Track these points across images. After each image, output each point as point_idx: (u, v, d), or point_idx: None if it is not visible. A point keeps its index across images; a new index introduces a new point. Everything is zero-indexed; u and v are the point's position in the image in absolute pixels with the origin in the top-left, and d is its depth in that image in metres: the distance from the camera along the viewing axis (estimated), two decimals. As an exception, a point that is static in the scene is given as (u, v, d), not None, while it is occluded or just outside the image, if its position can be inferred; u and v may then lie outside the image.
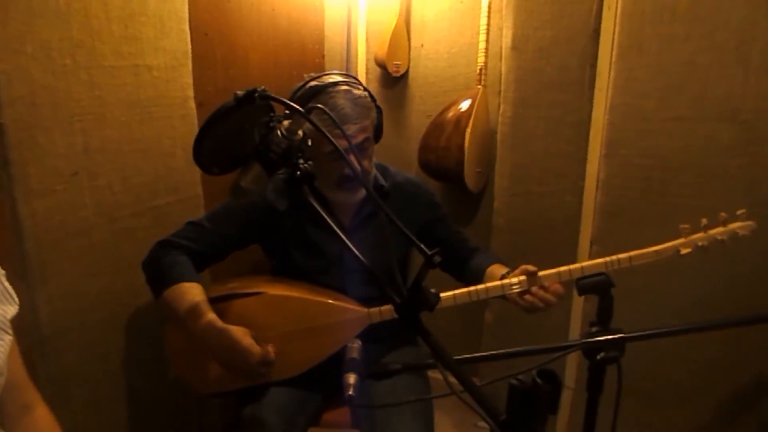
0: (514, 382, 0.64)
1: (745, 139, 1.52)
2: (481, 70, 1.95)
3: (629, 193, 1.69)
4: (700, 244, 1.18)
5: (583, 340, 0.90)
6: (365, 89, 1.31)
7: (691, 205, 1.62)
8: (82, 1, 1.23)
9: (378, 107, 1.32)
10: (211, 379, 1.29)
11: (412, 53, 2.15)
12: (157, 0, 1.39)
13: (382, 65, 2.10)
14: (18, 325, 0.98)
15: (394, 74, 2.12)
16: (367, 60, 2.20)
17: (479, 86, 1.95)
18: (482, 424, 2.09)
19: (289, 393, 1.29)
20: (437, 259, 0.72)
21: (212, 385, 1.30)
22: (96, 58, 1.28)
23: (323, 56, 2.05)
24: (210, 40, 1.58)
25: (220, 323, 1.18)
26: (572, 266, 1.17)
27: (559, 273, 1.19)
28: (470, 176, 1.94)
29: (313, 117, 0.82)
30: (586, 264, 1.22)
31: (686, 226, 1.19)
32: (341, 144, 1.20)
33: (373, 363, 1.32)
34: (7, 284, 0.97)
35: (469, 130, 1.90)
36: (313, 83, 1.27)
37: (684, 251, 1.18)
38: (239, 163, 0.94)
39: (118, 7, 1.31)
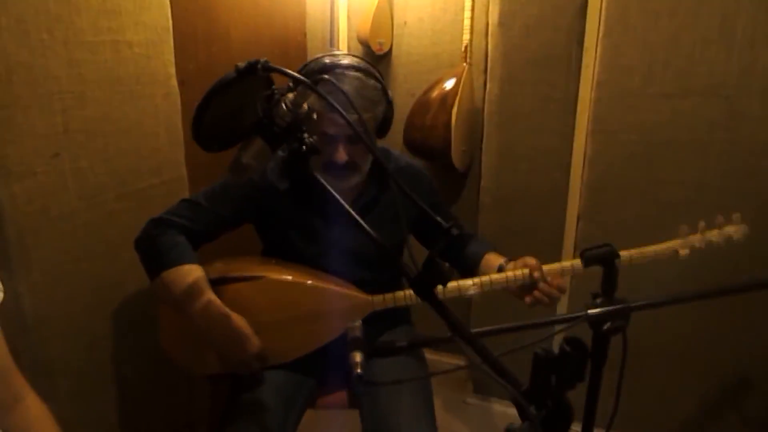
0: (539, 351, 0.64)
1: (728, 115, 1.55)
2: (466, 47, 1.93)
3: (615, 169, 1.71)
4: (697, 245, 1.21)
5: (589, 312, 0.91)
6: (380, 81, 1.24)
7: (675, 180, 1.65)
8: (58, -27, 1.17)
9: (389, 101, 1.27)
10: (206, 360, 1.26)
11: (395, 31, 2.11)
12: (137, -28, 1.33)
13: (365, 43, 2.06)
14: (0, 314, 0.94)
15: (378, 52, 2.08)
16: (349, 38, 2.16)
17: (465, 64, 1.94)
18: (471, 400, 2.11)
19: (286, 375, 1.28)
20: (455, 230, 0.71)
21: (206, 366, 1.27)
22: (75, 33, 1.22)
23: (305, 34, 2.00)
24: (190, 16, 1.52)
25: (220, 305, 1.15)
26: (576, 261, 1.18)
27: (562, 267, 1.20)
28: (457, 155, 1.93)
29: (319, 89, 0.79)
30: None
31: (685, 226, 1.21)
32: (334, 130, 1.17)
33: (371, 342, 1.32)
34: (-8, 271, 0.92)
35: (455, 108, 1.89)
36: (327, 60, 1.20)
37: (683, 253, 1.21)
38: (239, 139, 0.91)
39: (96, -21, 1.25)
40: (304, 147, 0.82)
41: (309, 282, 1.26)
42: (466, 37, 1.93)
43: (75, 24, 1.22)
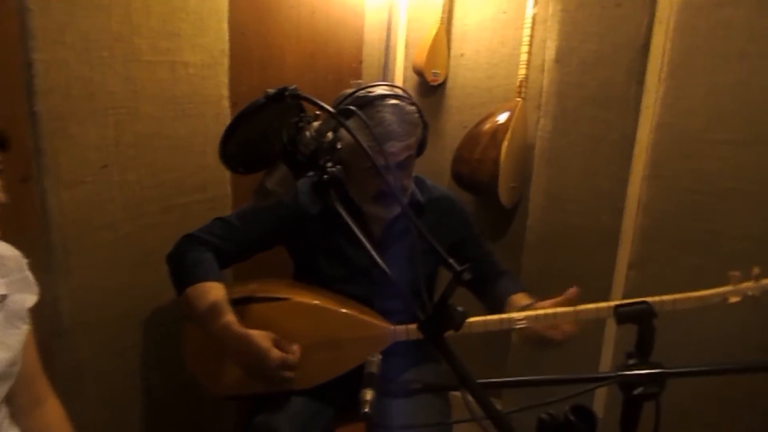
0: (544, 416, 0.59)
1: (800, 167, 1.43)
2: (521, 82, 1.89)
3: (672, 217, 1.60)
4: (750, 293, 1.11)
5: (620, 373, 0.84)
6: (414, 104, 1.25)
7: (737, 235, 1.53)
8: (123, -5, 1.23)
9: (424, 122, 1.27)
10: (227, 382, 1.26)
11: (451, 62, 2.10)
12: (198, -3, 1.39)
13: (420, 73, 2.06)
14: (38, 315, 0.98)
15: (432, 83, 2.08)
16: (405, 68, 2.17)
17: (518, 99, 1.90)
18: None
19: (304, 403, 1.25)
20: (467, 275, 0.67)
21: (227, 388, 1.27)
22: (133, 52, 1.28)
23: (361, 62, 2.03)
24: (247, 40, 1.57)
25: (237, 326, 1.15)
26: (587, 306, 1.12)
27: (577, 312, 1.13)
28: (504, 191, 1.88)
29: (352, 125, 0.79)
30: (590, 307, 1.16)
31: (736, 272, 1.11)
32: (381, 160, 1.17)
33: (393, 378, 1.28)
34: (29, 273, 0.96)
35: (505, 143, 1.84)
36: (361, 93, 1.20)
37: (733, 300, 1.11)
38: (266, 164, 0.91)
39: (159, 3, 1.31)
40: (325, 176, 0.81)
41: (333, 307, 1.24)
42: (522, 72, 1.88)
43: (134, 44, 1.28)
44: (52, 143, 1.16)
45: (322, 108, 0.81)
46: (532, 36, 1.87)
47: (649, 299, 0.97)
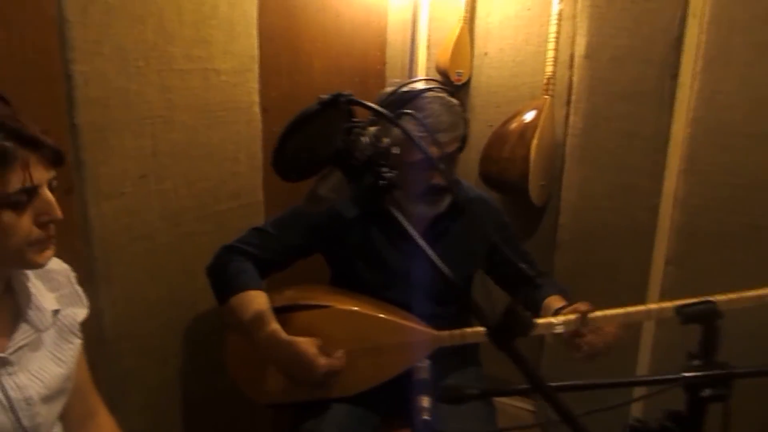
0: (635, 424, 0.57)
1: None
2: (548, 79, 1.87)
3: (709, 212, 1.58)
4: None
5: (686, 374, 0.82)
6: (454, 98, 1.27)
7: (779, 228, 1.50)
8: (157, 4, 1.23)
9: (465, 118, 1.27)
10: (270, 389, 1.26)
11: (474, 61, 2.08)
12: (228, 4, 1.38)
13: (443, 73, 2.04)
14: (82, 327, 0.97)
15: (456, 83, 2.06)
16: (428, 68, 2.15)
17: (546, 96, 1.87)
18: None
19: (348, 410, 1.24)
20: (539, 280, 0.66)
21: (270, 395, 1.27)
22: (168, 61, 1.27)
23: (385, 63, 2.01)
24: (276, 45, 1.56)
25: (283, 334, 1.15)
26: (632, 309, 1.09)
27: (616, 314, 1.11)
28: (534, 189, 1.86)
29: (402, 123, 0.77)
30: (653, 307, 1.14)
31: None
32: (433, 152, 1.16)
33: (437, 384, 1.27)
34: (78, 287, 0.96)
35: (535, 141, 1.82)
36: (405, 88, 1.21)
37: None
38: (317, 170, 0.90)
39: (191, 11, 1.30)
40: (382, 182, 0.80)
41: (375, 314, 1.23)
42: (549, 69, 1.86)
43: (169, 52, 1.27)
44: (92, 155, 1.16)
45: (379, 113, 0.80)
46: (558, 32, 1.85)
47: (712, 298, 0.96)
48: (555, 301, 1.27)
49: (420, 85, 1.22)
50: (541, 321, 1.16)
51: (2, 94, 0.79)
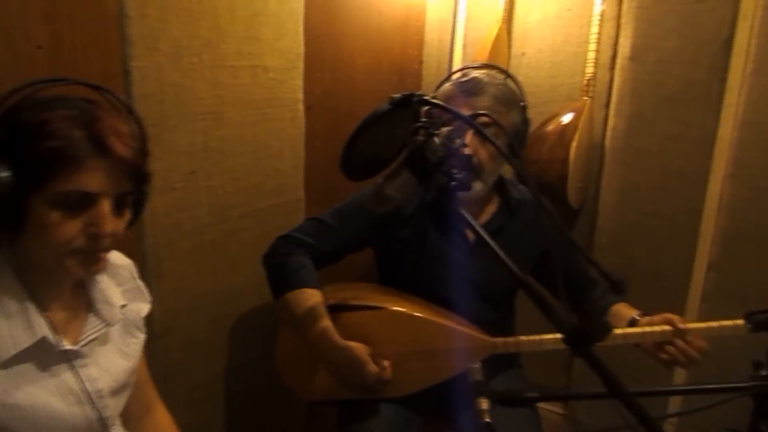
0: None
1: None
2: (589, 81, 1.85)
3: (755, 217, 1.56)
4: None
5: (756, 383, 0.81)
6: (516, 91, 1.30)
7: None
8: (211, 0, 1.23)
9: (525, 120, 1.27)
10: (318, 386, 1.26)
11: (511, 61, 2.07)
12: (277, 1, 1.38)
13: (480, 73, 2.03)
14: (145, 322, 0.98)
15: (493, 82, 2.05)
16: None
17: (586, 98, 1.86)
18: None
19: (396, 411, 1.24)
20: (624, 287, 0.65)
21: (317, 392, 1.27)
22: (220, 58, 1.28)
23: (422, 62, 2.01)
24: (321, 43, 1.56)
25: (337, 337, 1.15)
26: (725, 322, 1.07)
27: (709, 328, 1.09)
28: (572, 191, 1.85)
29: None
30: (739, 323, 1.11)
31: None
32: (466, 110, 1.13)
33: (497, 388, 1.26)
34: (140, 282, 0.96)
35: (574, 143, 1.81)
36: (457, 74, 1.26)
37: None
38: (381, 169, 0.90)
39: (243, 7, 1.30)
40: (453, 183, 0.80)
41: (430, 317, 1.23)
42: (590, 70, 1.85)
43: (221, 49, 1.28)
44: (147, 150, 1.16)
45: (453, 113, 0.79)
46: (599, 33, 1.84)
47: None
48: (625, 309, 1.25)
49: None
50: (631, 331, 1.15)
51: (113, 93, 0.79)
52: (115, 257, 0.93)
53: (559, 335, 1.14)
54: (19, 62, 0.95)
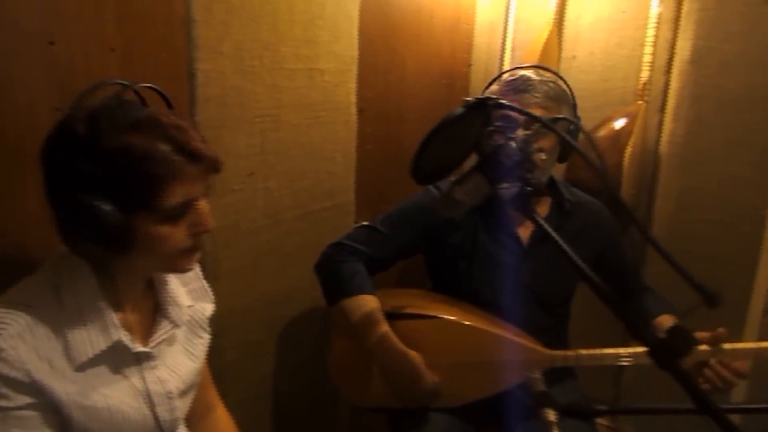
0: None
1: None
2: (644, 84, 1.80)
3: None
4: None
5: None
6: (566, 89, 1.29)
7: None
8: (272, 3, 1.24)
9: (574, 120, 1.24)
10: (370, 393, 1.25)
11: (561, 65, 2.04)
12: (334, 4, 1.39)
13: (529, 76, 2.00)
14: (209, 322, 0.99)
15: (542, 86, 2.01)
16: (511, 71, 2.12)
17: (641, 102, 1.81)
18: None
19: (449, 421, 1.22)
20: (719, 301, 0.63)
21: (370, 399, 1.26)
22: (279, 61, 1.28)
23: (470, 65, 1.99)
24: (374, 46, 1.55)
25: (398, 343, 1.14)
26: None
27: (748, 349, 1.04)
28: (626, 198, 1.80)
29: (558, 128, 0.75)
30: None
31: None
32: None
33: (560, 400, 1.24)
34: (205, 282, 0.97)
35: (629, 148, 1.76)
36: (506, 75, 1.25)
37: None
38: (448, 173, 0.89)
39: (302, 10, 1.31)
40: (529, 188, 0.78)
41: (485, 327, 1.20)
42: (645, 74, 1.80)
43: (280, 52, 1.29)
44: (208, 152, 1.17)
45: (531, 117, 0.78)
46: (656, 36, 1.79)
47: None
48: (668, 321, 1.22)
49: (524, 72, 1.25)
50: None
51: (165, 96, 0.80)
52: None
53: (618, 350, 1.13)
54: (93, 65, 0.97)
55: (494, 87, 1.31)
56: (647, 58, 1.80)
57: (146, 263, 0.78)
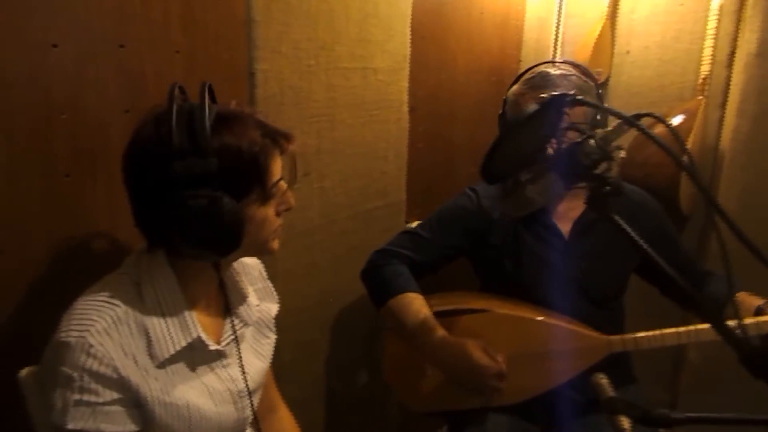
0: None
1: None
2: (704, 79, 1.74)
3: None
4: None
5: None
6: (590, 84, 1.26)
7: None
8: (328, 3, 1.24)
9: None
10: (426, 396, 1.23)
11: (615, 60, 1.98)
12: (388, 2, 1.37)
13: (581, 72, 1.95)
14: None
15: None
16: (561, 67, 2.07)
17: (700, 97, 1.75)
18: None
19: (510, 422, 1.20)
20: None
21: (425, 402, 1.24)
22: (334, 60, 1.28)
23: (519, 61, 1.95)
24: (426, 44, 1.54)
25: (447, 335, 1.13)
26: None
27: None
28: (685, 197, 1.74)
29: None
30: None
31: None
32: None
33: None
34: (269, 283, 0.97)
35: (688, 145, 1.70)
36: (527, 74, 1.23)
37: None
38: (516, 172, 0.87)
39: (357, 9, 1.30)
40: (608, 188, 0.75)
41: (538, 318, 1.18)
42: (706, 68, 1.73)
43: (336, 51, 1.28)
44: (267, 152, 1.18)
45: (614, 113, 0.75)
46: (717, 29, 1.72)
47: None
48: (748, 298, 1.18)
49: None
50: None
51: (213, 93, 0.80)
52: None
53: (679, 329, 1.10)
54: (160, 67, 0.98)
55: (515, 87, 1.27)
56: (708, 52, 1.73)
57: (238, 255, 0.80)
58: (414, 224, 1.53)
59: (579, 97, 0.77)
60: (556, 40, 1.97)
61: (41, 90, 0.85)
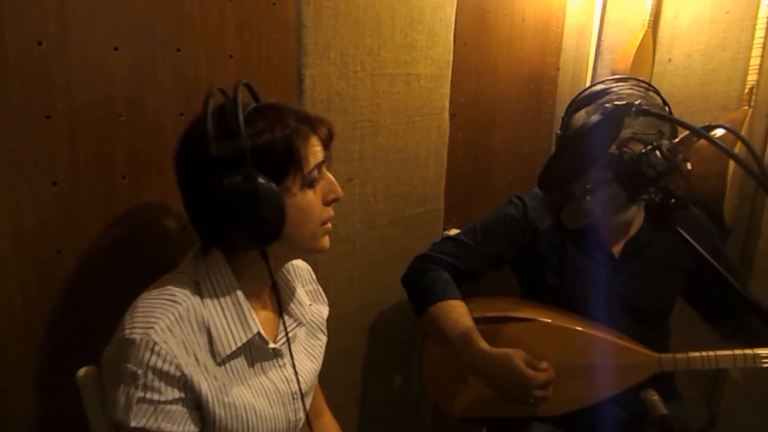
0: None
1: None
2: (751, 89, 1.70)
3: None
4: None
5: None
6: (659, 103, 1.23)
7: None
8: (375, 9, 1.24)
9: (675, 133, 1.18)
10: (467, 402, 1.22)
11: (655, 68, 1.95)
12: (432, 8, 1.37)
13: (621, 81, 1.92)
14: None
15: (635, 91, 1.93)
16: (600, 75, 2.04)
17: (747, 107, 1.71)
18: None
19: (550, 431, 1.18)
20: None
21: (466, 409, 1.23)
22: (380, 66, 1.28)
23: (558, 69, 1.93)
24: (468, 51, 1.53)
25: (493, 349, 1.11)
26: None
27: None
28: (729, 209, 1.70)
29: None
30: None
31: None
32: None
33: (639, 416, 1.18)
34: (319, 286, 0.97)
35: (734, 156, 1.66)
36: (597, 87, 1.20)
37: None
38: (573, 182, 0.86)
39: (402, 15, 1.30)
40: (673, 200, 0.73)
41: (586, 330, 1.16)
42: (752, 78, 1.70)
43: (381, 57, 1.28)
44: (313, 157, 1.18)
45: (682, 124, 0.73)
46: (765, 38, 1.68)
47: None
48: None
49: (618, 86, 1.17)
50: None
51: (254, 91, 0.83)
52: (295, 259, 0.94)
53: (735, 351, 1.06)
54: (214, 71, 0.99)
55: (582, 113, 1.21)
56: (755, 61, 1.70)
57: (288, 248, 0.79)
58: (452, 231, 1.52)
59: (645, 107, 0.75)
60: (597, 47, 1.94)
61: (102, 92, 0.86)
